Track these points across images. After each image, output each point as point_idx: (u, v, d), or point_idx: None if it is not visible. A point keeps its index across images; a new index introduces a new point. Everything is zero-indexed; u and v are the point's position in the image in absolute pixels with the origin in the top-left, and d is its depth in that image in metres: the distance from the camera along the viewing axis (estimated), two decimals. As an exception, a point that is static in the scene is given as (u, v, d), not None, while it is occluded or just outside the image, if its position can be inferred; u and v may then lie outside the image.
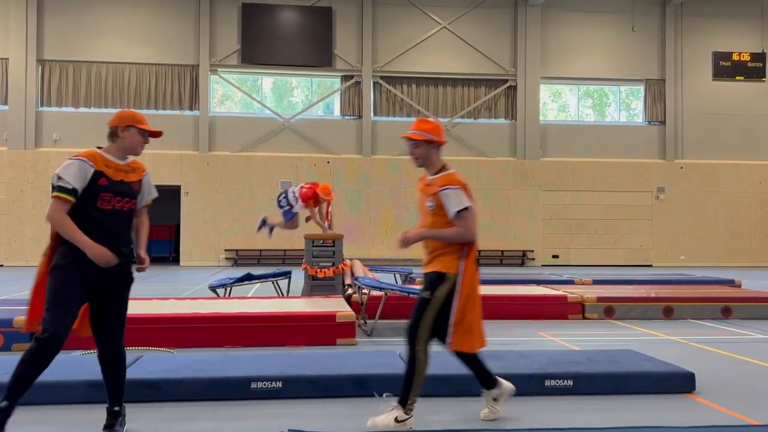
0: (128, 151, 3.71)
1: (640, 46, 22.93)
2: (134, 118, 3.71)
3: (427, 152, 3.94)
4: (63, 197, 3.48)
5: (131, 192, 3.70)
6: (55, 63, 21.00)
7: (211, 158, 21.22)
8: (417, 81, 22.28)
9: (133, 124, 3.67)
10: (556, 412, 4.33)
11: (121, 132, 3.67)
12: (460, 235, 3.83)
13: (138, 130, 3.69)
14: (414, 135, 3.95)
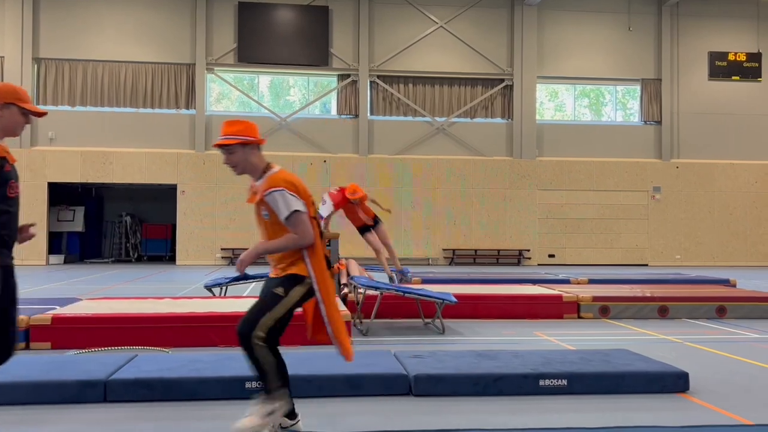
0: (6, 131, 3.26)
1: (637, 45, 22.96)
2: (16, 94, 3.24)
3: (245, 156, 3.51)
4: None
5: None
6: (51, 61, 20.95)
7: (207, 157, 21.19)
8: (414, 80, 22.28)
9: (14, 101, 3.22)
10: (551, 413, 4.34)
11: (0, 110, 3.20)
12: (294, 241, 3.41)
13: (19, 110, 3.25)
14: (225, 140, 3.47)
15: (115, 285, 13.64)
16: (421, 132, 22.24)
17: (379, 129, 22.11)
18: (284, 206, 3.39)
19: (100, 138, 20.90)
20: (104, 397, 4.46)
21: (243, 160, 3.50)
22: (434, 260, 21.85)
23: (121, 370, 4.72)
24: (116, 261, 22.78)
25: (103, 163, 20.82)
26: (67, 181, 20.90)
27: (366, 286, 8.04)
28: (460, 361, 5.15)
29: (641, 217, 22.73)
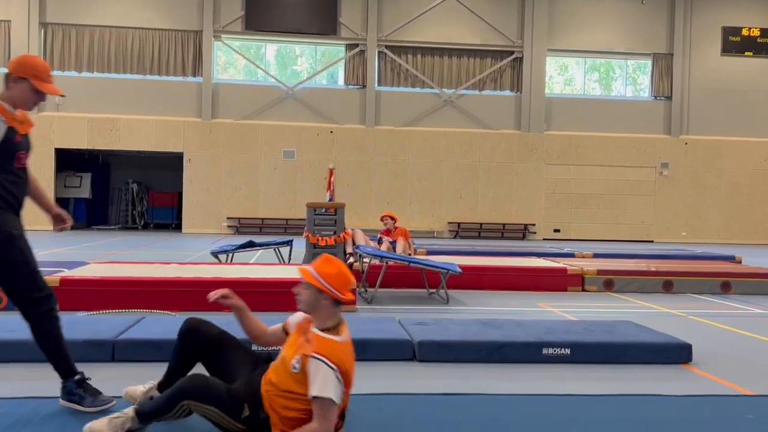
0: (18, 104, 3.18)
1: (649, 19, 22.64)
2: (33, 70, 3.17)
3: (318, 302, 2.91)
4: None
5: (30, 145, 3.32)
6: (58, 26, 20.82)
7: (213, 126, 21.15)
8: (422, 51, 22.07)
9: (27, 77, 3.14)
10: (553, 380, 4.38)
11: (12, 82, 3.15)
12: (311, 430, 2.76)
13: (31, 86, 3.17)
14: (310, 277, 2.90)
15: (122, 251, 13.72)
16: (428, 104, 22.10)
17: (386, 100, 21.97)
18: (322, 385, 2.75)
19: (107, 104, 20.85)
20: (112, 356, 4.52)
21: (313, 302, 2.93)
22: (439, 233, 21.87)
23: (129, 331, 4.78)
24: (123, 228, 22.89)
25: (110, 130, 20.81)
26: (73, 147, 20.92)
27: (371, 255, 8.07)
28: (464, 329, 5.18)
29: (648, 193, 22.65)
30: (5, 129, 3.07)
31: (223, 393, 2.85)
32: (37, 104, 3.28)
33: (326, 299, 2.91)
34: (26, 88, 3.16)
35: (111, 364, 4.48)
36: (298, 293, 2.96)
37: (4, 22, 20.57)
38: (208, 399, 2.80)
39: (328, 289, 2.89)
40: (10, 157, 3.12)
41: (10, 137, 3.09)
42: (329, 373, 2.76)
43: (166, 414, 2.83)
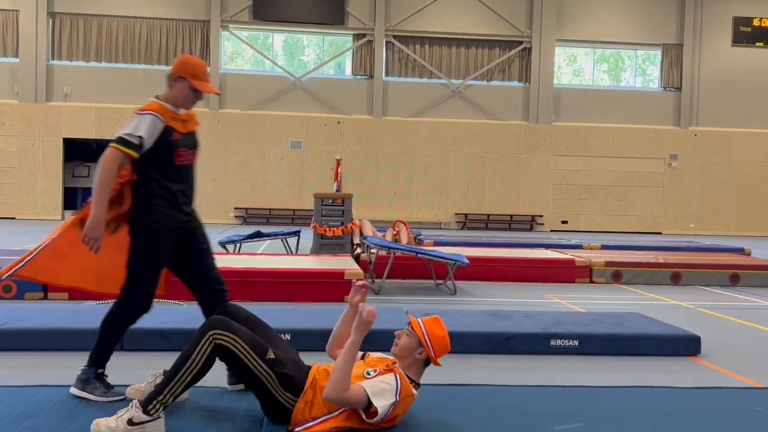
0: (178, 103, 3.36)
1: (659, 9, 22.45)
2: (191, 69, 3.34)
3: (413, 352, 3.05)
4: (119, 149, 3.20)
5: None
6: (66, 16, 20.82)
7: (221, 116, 21.15)
8: (430, 41, 21.97)
9: (186, 76, 3.32)
10: (561, 371, 4.37)
11: (173, 81, 3.34)
12: None
13: (190, 85, 3.32)
14: (416, 324, 3.07)
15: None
16: (436, 94, 22.02)
17: (393, 90, 21.91)
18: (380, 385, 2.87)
19: (115, 94, 20.86)
20: (121, 345, 4.52)
21: (409, 351, 3.04)
22: (446, 224, 21.84)
23: (138, 321, 4.78)
24: (130, 218, 22.95)
25: (117, 120, 20.82)
26: (82, 137, 20.97)
27: (379, 246, 8.07)
28: (471, 320, 5.18)
29: (656, 185, 22.53)
30: (162, 128, 3.23)
31: (248, 332, 2.97)
32: (195, 102, 3.43)
33: (421, 355, 3.05)
34: (185, 87, 3.32)
35: (120, 354, 4.47)
36: (398, 336, 3.11)
37: (12, 12, 20.58)
38: (232, 329, 2.90)
39: (429, 347, 3.02)
40: (169, 154, 3.28)
41: (166, 136, 3.25)
42: (392, 389, 2.86)
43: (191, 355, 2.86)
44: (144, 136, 3.20)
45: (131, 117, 3.27)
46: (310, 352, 4.29)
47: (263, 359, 2.90)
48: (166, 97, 3.35)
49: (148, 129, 3.20)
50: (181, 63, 3.36)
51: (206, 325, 2.93)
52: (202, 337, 2.88)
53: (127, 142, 3.19)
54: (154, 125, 3.22)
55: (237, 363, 2.91)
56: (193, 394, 3.31)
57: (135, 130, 3.20)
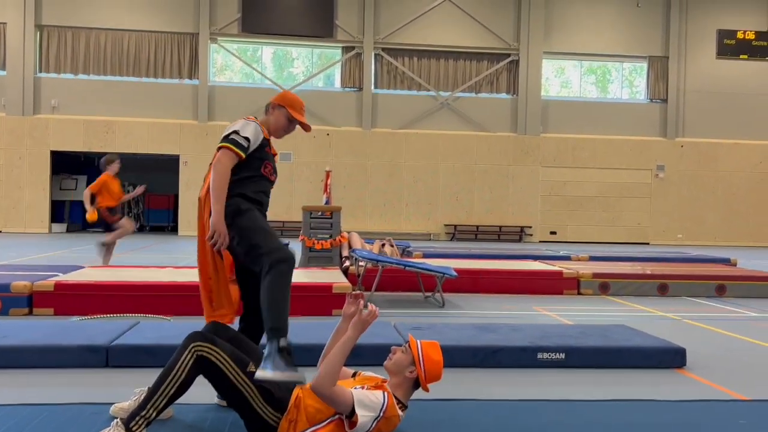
0: (272, 130, 3.57)
1: (645, 22, 22.70)
2: (291, 101, 3.59)
3: (404, 369, 3.07)
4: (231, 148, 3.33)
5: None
6: (54, 28, 20.78)
7: (210, 128, 21.13)
8: (419, 54, 22.10)
9: (285, 105, 3.57)
10: (548, 385, 4.38)
11: (272, 108, 3.59)
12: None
13: (287, 114, 3.55)
14: (413, 343, 3.15)
15: (118, 254, 13.68)
16: (425, 106, 22.12)
17: (382, 102, 21.99)
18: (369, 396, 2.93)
19: (103, 107, 20.82)
20: (106, 362, 4.51)
21: (401, 367, 3.08)
22: (435, 236, 21.88)
23: (123, 336, 4.77)
24: (119, 230, 22.82)
25: (105, 132, 20.78)
26: (69, 149, 20.88)
27: (367, 259, 8.08)
28: (459, 333, 5.19)
29: (644, 196, 22.69)
30: (262, 138, 3.43)
31: (229, 345, 3.02)
32: (287, 133, 3.61)
33: (412, 373, 3.06)
34: (282, 114, 3.56)
35: (105, 370, 4.47)
36: (393, 351, 3.14)
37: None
38: (214, 342, 2.94)
39: (421, 367, 3.04)
40: (260, 163, 3.44)
41: (263, 146, 3.45)
42: (378, 405, 2.87)
43: (173, 368, 2.87)
44: (251, 138, 3.37)
45: (235, 121, 3.44)
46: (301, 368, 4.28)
47: (244, 372, 2.91)
48: (263, 121, 3.55)
49: (253, 133, 3.38)
50: (282, 94, 3.64)
51: (188, 338, 2.94)
52: (184, 350, 2.89)
53: (237, 142, 3.34)
54: (258, 133, 3.41)
55: (218, 375, 2.92)
56: (178, 412, 3.30)
57: (242, 130, 3.36)
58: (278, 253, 3.21)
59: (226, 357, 2.91)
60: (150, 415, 2.84)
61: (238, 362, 2.93)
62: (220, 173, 3.31)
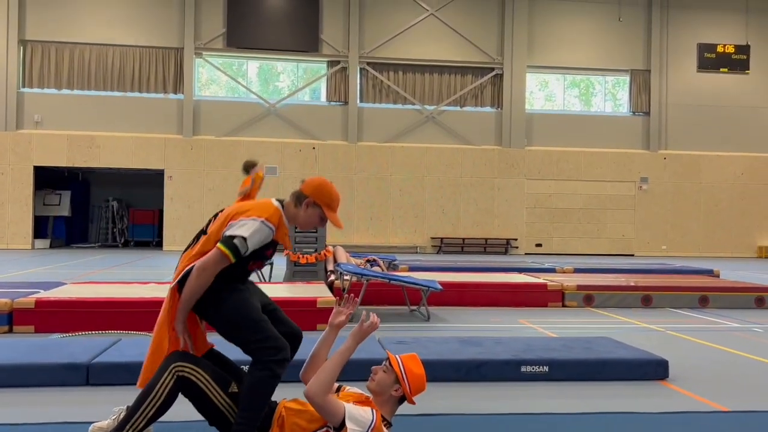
0: (298, 223, 3.24)
1: (626, 36, 23.00)
2: (330, 200, 3.20)
3: (389, 388, 3.05)
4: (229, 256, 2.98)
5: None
6: (38, 43, 20.70)
7: (195, 142, 21.08)
8: (404, 68, 22.22)
9: (323, 205, 3.18)
10: (531, 398, 4.39)
11: (306, 204, 3.18)
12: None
13: (321, 214, 3.20)
14: (394, 361, 3.10)
15: (101, 270, 13.58)
16: (410, 120, 22.22)
17: (368, 116, 22.06)
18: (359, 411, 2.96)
19: (87, 122, 20.72)
20: (87, 380, 4.46)
21: (385, 387, 3.07)
22: (422, 248, 21.89)
23: (104, 354, 4.72)
24: (103, 246, 22.67)
25: (89, 147, 20.66)
26: (53, 164, 20.72)
27: (352, 273, 8.06)
28: (443, 347, 5.18)
29: (628, 208, 22.87)
30: (270, 239, 3.09)
31: (210, 364, 2.98)
32: (315, 229, 3.34)
33: (397, 392, 3.04)
34: (316, 214, 3.20)
35: (85, 388, 4.42)
36: (375, 372, 3.09)
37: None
38: (196, 362, 2.92)
39: (406, 384, 3.02)
40: (250, 260, 3.12)
41: (265, 248, 3.11)
42: (367, 422, 2.87)
43: (153, 388, 2.85)
44: (253, 247, 3.03)
45: (247, 218, 3.03)
46: (287, 384, 4.26)
47: (225, 392, 2.89)
48: (288, 211, 3.19)
49: (259, 240, 3.04)
50: (320, 190, 3.19)
51: (169, 358, 2.91)
52: (164, 370, 2.87)
53: (237, 249, 2.99)
54: (266, 238, 3.07)
55: (199, 396, 2.90)
56: (158, 430, 3.26)
57: (250, 237, 3.00)
58: (269, 351, 3.00)
59: (207, 377, 2.89)
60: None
61: (220, 382, 2.91)
62: (202, 283, 2.99)
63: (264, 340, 3.02)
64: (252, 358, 3.05)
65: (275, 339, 3.06)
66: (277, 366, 3.02)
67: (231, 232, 3.01)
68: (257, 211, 3.06)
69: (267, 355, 3.00)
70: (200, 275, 2.97)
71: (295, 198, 3.19)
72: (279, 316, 3.34)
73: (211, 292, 3.06)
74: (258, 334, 3.03)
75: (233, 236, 2.99)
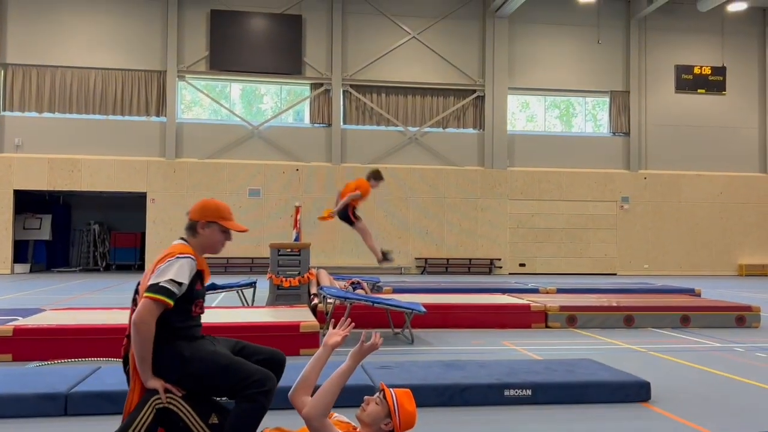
0: (206, 249, 3.24)
1: (606, 58, 23.37)
2: (219, 212, 3.27)
3: (380, 421, 3.06)
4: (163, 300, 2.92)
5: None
6: (18, 67, 20.61)
7: (177, 165, 21.01)
8: (386, 90, 22.38)
9: (216, 220, 3.24)
10: (515, 422, 4.38)
11: (200, 228, 3.22)
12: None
13: (220, 228, 3.25)
14: (389, 395, 3.13)
15: (82, 295, 13.42)
16: (393, 141, 22.33)
17: (351, 138, 22.14)
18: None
19: (68, 145, 20.59)
20: (65, 410, 4.39)
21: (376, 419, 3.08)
22: (406, 269, 21.89)
23: (83, 383, 4.65)
24: (84, 270, 22.42)
25: (71, 171, 20.51)
26: (33, 188, 20.54)
27: (335, 297, 8.04)
28: (427, 372, 5.17)
29: (610, 227, 23.07)
30: (195, 273, 3.07)
31: (192, 395, 2.96)
32: (224, 245, 3.31)
33: (387, 426, 3.05)
34: (215, 231, 3.23)
35: (64, 419, 4.35)
36: (367, 402, 3.11)
37: (-38, 63, 20.30)
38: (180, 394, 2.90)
39: (397, 419, 3.04)
40: (189, 302, 3.08)
41: (193, 282, 3.07)
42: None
43: (134, 421, 2.83)
44: (186, 282, 3.00)
45: (168, 261, 3.01)
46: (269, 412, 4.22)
47: (206, 423, 2.87)
48: (193, 244, 3.20)
49: (188, 275, 3.01)
50: (205, 209, 3.26)
51: (150, 391, 2.88)
52: (144, 404, 2.84)
53: (167, 291, 2.94)
54: (193, 269, 3.05)
55: (180, 427, 2.86)
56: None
57: (178, 276, 2.98)
58: (254, 385, 2.97)
59: (187, 408, 2.86)
60: None
61: (200, 413, 2.89)
62: (145, 337, 2.90)
63: (245, 379, 2.98)
64: (238, 397, 3.01)
65: (256, 372, 3.02)
66: (263, 397, 2.99)
67: (155, 280, 2.97)
68: (169, 254, 3.06)
69: (253, 388, 2.97)
70: (139, 330, 2.91)
71: (189, 229, 3.24)
72: (251, 349, 3.29)
73: (172, 357, 3.00)
74: (237, 376, 2.99)
75: (158, 282, 2.95)
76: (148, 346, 2.91)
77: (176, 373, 2.99)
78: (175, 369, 2.98)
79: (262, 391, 2.99)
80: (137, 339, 2.91)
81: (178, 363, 2.99)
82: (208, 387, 3.04)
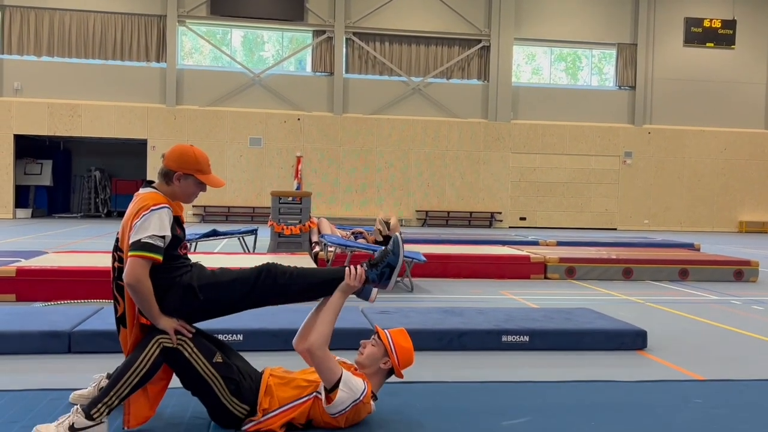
0: (178, 198, 3.14)
1: (614, 9, 22.91)
2: (197, 165, 3.14)
3: (377, 361, 3.08)
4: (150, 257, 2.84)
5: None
6: (16, 8, 20.24)
7: (178, 112, 20.84)
8: (390, 38, 22.02)
9: (193, 173, 3.11)
10: (512, 367, 4.45)
11: (176, 179, 3.09)
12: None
13: (196, 181, 3.13)
14: (382, 335, 3.14)
15: (83, 239, 13.50)
16: (396, 92, 22.08)
17: (354, 87, 21.89)
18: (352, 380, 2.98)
19: (68, 90, 20.38)
20: (69, 347, 4.46)
21: (374, 360, 3.09)
22: (407, 221, 21.93)
23: (86, 322, 4.71)
24: (85, 216, 22.48)
25: (70, 116, 20.36)
26: (33, 133, 20.43)
27: (336, 245, 8.08)
28: (425, 317, 5.23)
29: (612, 182, 23.01)
30: (172, 215, 3.00)
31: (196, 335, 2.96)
32: (198, 196, 3.23)
33: (386, 364, 3.08)
34: (191, 184, 3.13)
35: (67, 356, 4.42)
36: (363, 346, 3.14)
37: (-41, 4, 19.94)
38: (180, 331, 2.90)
39: (395, 356, 3.07)
40: (175, 246, 3.03)
41: (173, 229, 3.00)
42: (359, 390, 2.90)
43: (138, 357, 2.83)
44: (168, 234, 2.93)
45: (144, 215, 2.90)
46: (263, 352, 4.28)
47: (210, 362, 2.90)
48: (165, 191, 3.09)
49: (168, 225, 2.94)
50: (183, 159, 3.12)
51: (154, 329, 2.91)
52: (149, 340, 2.87)
53: (153, 247, 2.85)
54: (170, 219, 2.97)
55: (184, 365, 2.89)
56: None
57: (159, 229, 2.89)
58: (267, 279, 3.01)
59: (192, 347, 2.89)
60: (112, 402, 2.81)
61: (205, 352, 2.91)
62: (144, 295, 2.84)
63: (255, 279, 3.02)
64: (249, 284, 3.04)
65: (257, 270, 3.05)
66: (279, 277, 3.05)
67: (137, 236, 2.87)
68: (142, 207, 2.97)
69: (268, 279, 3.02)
70: (136, 290, 2.85)
71: (164, 176, 3.12)
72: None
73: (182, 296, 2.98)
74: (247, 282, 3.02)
75: (139, 239, 2.86)
76: (150, 298, 2.88)
77: (190, 306, 2.98)
78: (189, 303, 2.99)
79: (273, 275, 3.04)
80: (137, 298, 2.87)
81: (190, 296, 2.98)
82: (226, 305, 3.08)
